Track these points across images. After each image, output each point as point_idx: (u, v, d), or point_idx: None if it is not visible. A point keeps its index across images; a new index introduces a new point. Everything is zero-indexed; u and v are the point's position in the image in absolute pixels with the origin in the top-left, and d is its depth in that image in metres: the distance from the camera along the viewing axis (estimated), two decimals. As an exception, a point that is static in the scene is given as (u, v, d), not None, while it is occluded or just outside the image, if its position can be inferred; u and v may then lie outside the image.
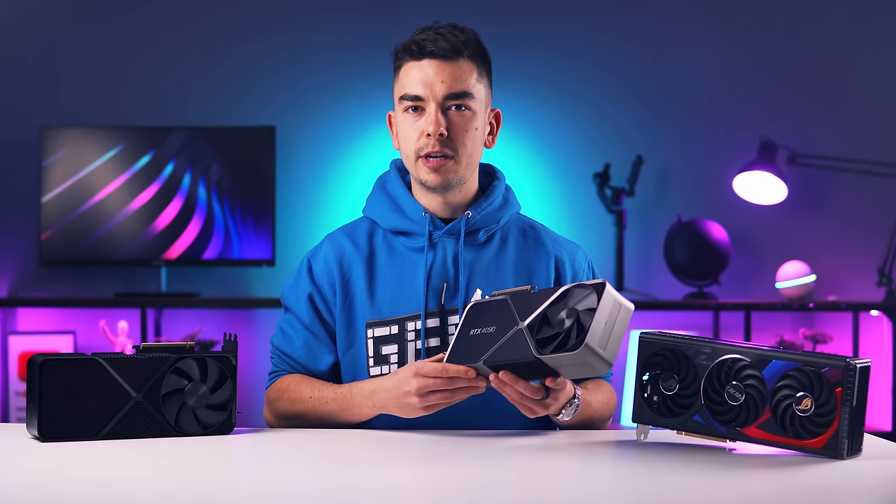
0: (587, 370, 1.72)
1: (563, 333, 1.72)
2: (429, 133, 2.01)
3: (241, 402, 2.02)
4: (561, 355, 1.71)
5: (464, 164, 2.05)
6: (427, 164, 2.03)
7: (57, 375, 1.80)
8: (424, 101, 2.02)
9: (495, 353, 1.79)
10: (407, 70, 2.04)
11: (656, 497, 1.50)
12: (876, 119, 4.52)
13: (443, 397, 1.85)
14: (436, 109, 2.01)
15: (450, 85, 2.01)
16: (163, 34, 4.52)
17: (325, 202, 4.48)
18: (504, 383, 1.80)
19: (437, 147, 2.01)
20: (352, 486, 1.56)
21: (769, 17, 4.54)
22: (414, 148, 2.04)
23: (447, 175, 2.04)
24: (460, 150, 2.03)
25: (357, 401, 1.98)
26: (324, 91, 4.50)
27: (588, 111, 4.52)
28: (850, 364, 1.66)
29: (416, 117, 2.03)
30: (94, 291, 4.43)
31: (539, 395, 1.81)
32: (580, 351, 1.68)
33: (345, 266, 2.10)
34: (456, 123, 2.02)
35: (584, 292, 1.74)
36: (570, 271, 2.13)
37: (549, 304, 1.77)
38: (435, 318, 2.05)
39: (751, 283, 4.48)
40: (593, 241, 4.42)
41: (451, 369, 1.83)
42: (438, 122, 2.00)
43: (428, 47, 2.01)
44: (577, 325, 1.71)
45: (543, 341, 1.74)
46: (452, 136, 2.02)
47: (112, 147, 4.34)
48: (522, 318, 1.79)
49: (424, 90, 2.01)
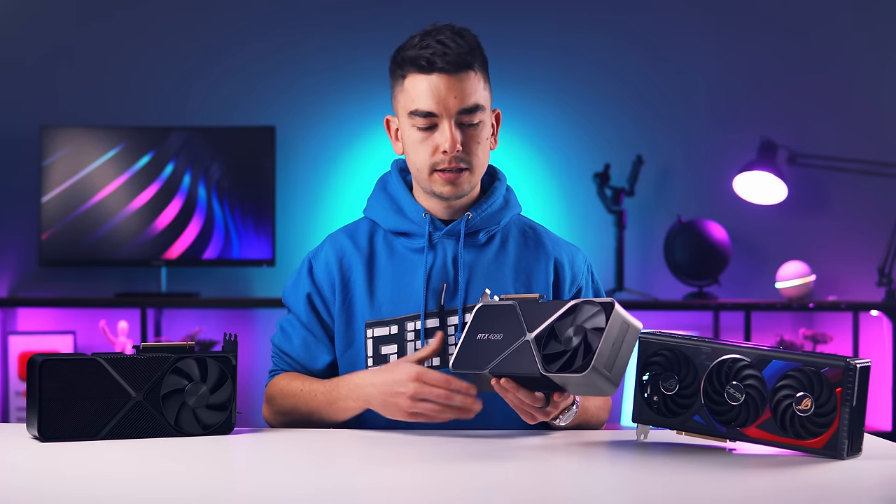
0: (593, 391, 1.73)
1: (571, 352, 1.72)
2: (445, 150, 1.99)
3: (241, 402, 2.02)
4: (567, 376, 1.71)
5: (477, 174, 2.06)
6: (443, 177, 2.02)
7: (57, 375, 1.80)
8: (437, 118, 2.00)
9: (501, 364, 1.79)
10: (414, 83, 2.00)
11: (656, 497, 1.50)
12: (876, 119, 4.52)
13: (434, 410, 1.85)
14: (450, 125, 1.99)
15: (462, 100, 1.99)
16: (163, 34, 4.52)
17: (325, 202, 4.48)
18: (506, 390, 1.80)
19: (454, 162, 2.01)
20: (352, 486, 1.56)
21: (769, 18, 4.54)
22: (428, 163, 2.02)
23: (462, 187, 2.04)
24: (474, 162, 2.03)
25: (343, 392, 1.97)
26: (324, 91, 4.50)
27: (588, 111, 4.52)
28: (850, 364, 1.66)
29: (428, 132, 2.01)
30: (94, 291, 4.43)
31: (539, 404, 1.81)
32: (587, 374, 1.68)
33: (345, 266, 2.10)
34: (470, 136, 2.01)
35: (592, 310, 1.73)
36: (569, 274, 2.13)
37: (557, 317, 1.76)
38: (434, 319, 2.05)
39: (751, 283, 4.48)
40: (593, 241, 4.42)
41: (455, 384, 1.83)
42: (455, 139, 1.99)
43: (438, 63, 1.97)
44: (584, 344, 1.71)
45: (550, 357, 1.74)
46: (467, 150, 2.01)
47: (112, 147, 4.34)
48: (530, 328, 1.78)
49: (437, 106, 1.99)
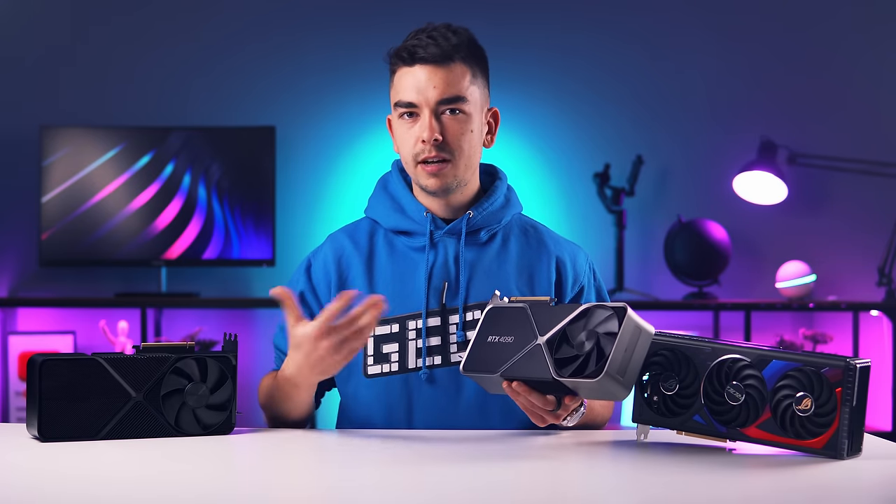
0: (606, 396, 1.72)
1: (583, 357, 1.71)
2: (423, 139, 2.01)
3: (241, 402, 2.02)
4: (580, 381, 1.70)
5: (462, 167, 2.05)
6: (426, 170, 2.04)
7: (57, 375, 1.80)
8: (418, 108, 2.02)
9: (513, 367, 1.79)
10: (400, 76, 2.04)
11: (656, 497, 1.50)
12: (876, 119, 4.52)
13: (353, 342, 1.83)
14: (429, 115, 2.01)
15: (442, 90, 2.01)
16: (163, 34, 4.52)
17: (325, 202, 4.48)
18: (517, 393, 1.80)
19: (434, 152, 2.02)
20: (351, 486, 1.56)
21: (769, 17, 4.54)
22: (412, 154, 2.04)
23: (446, 179, 2.04)
24: (457, 154, 2.03)
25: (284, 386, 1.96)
26: (324, 91, 4.50)
27: (588, 111, 4.52)
28: (850, 364, 1.66)
29: (411, 123, 2.04)
30: (94, 291, 4.43)
31: (551, 407, 1.80)
32: (600, 379, 1.67)
33: (343, 265, 2.11)
34: (450, 127, 2.02)
35: (605, 314, 1.73)
36: (571, 272, 2.13)
37: (569, 321, 1.76)
38: (436, 318, 2.05)
39: (751, 283, 4.48)
40: (593, 241, 4.42)
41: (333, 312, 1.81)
42: (433, 128, 2.01)
43: (419, 53, 2.01)
44: (597, 349, 1.71)
45: (562, 361, 1.74)
46: (448, 141, 2.02)
47: (112, 147, 4.34)
48: (542, 332, 1.78)
49: (417, 96, 2.01)
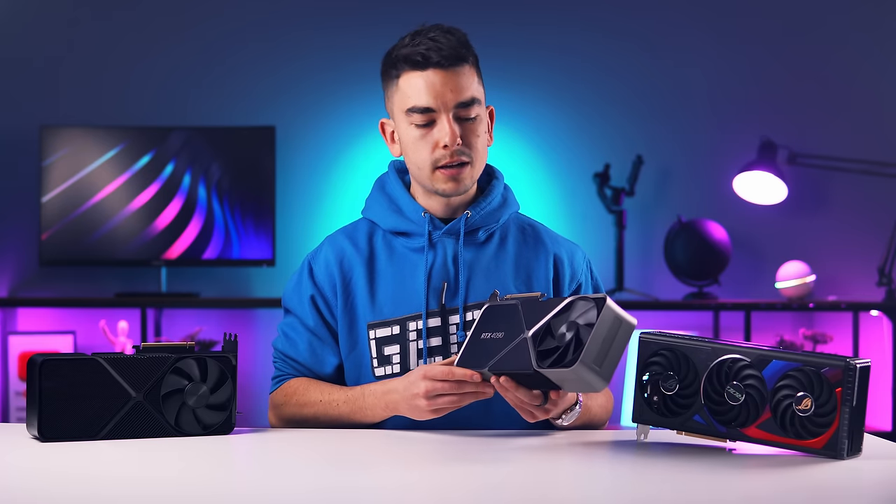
0: (583, 386, 1.73)
1: (563, 348, 1.72)
2: (445, 144, 2.00)
3: (241, 402, 2.02)
4: (557, 370, 1.71)
5: (478, 169, 2.06)
6: (445, 174, 2.02)
7: (57, 375, 1.80)
8: (435, 112, 2.00)
9: (500, 361, 1.80)
10: (410, 81, 2.01)
11: (656, 497, 1.50)
12: (876, 119, 4.52)
13: (450, 401, 1.86)
14: (448, 119, 2.00)
15: (458, 93, 2.00)
16: (163, 34, 4.52)
17: (325, 202, 4.48)
18: (505, 388, 1.81)
19: (455, 157, 2.01)
20: (352, 486, 1.56)
21: (769, 18, 4.54)
22: (429, 160, 2.02)
23: (464, 182, 2.04)
24: (474, 156, 2.03)
25: (370, 402, 1.98)
26: (324, 91, 4.50)
27: (588, 111, 4.52)
28: (850, 364, 1.66)
29: (426, 129, 2.02)
30: (94, 291, 4.43)
31: (537, 402, 1.81)
32: (574, 368, 1.67)
33: (345, 267, 2.10)
34: (468, 130, 2.02)
35: (586, 306, 1.73)
36: (568, 270, 2.13)
37: (554, 314, 1.77)
38: (436, 318, 2.05)
39: (751, 283, 4.48)
40: (593, 241, 4.42)
41: (458, 373, 1.84)
42: (455, 133, 1.99)
43: (433, 58, 1.98)
44: (575, 339, 1.71)
45: (544, 353, 1.74)
46: (467, 143, 2.02)
47: (112, 147, 4.34)
48: (529, 326, 1.79)
49: (435, 101, 1.99)
